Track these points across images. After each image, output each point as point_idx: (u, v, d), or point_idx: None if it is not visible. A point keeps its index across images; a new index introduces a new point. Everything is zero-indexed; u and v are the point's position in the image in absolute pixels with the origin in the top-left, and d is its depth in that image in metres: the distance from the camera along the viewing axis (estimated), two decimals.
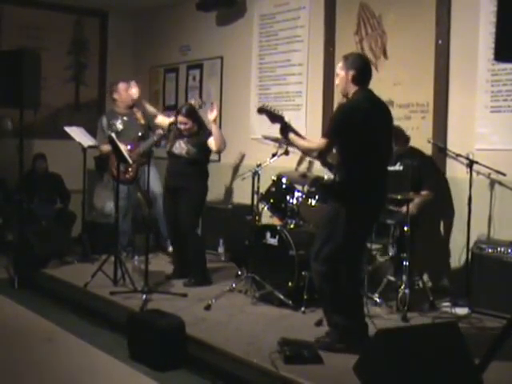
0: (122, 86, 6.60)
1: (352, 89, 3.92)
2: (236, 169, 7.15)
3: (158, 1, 8.22)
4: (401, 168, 5.19)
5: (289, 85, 6.80)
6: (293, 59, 6.74)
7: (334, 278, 3.86)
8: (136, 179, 6.21)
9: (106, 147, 6.13)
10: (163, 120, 6.07)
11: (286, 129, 4.09)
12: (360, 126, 3.79)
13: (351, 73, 3.90)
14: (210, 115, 5.44)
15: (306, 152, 4.18)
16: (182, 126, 5.50)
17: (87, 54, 8.74)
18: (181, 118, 5.51)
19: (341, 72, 3.97)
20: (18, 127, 6.20)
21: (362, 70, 3.93)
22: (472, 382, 2.97)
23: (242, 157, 7.06)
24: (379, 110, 3.98)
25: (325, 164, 4.21)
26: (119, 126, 6.52)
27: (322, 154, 3.95)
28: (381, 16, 5.89)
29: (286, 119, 4.14)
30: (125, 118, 6.54)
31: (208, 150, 5.59)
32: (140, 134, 6.06)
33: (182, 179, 5.52)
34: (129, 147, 5.94)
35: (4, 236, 7.32)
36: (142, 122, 6.44)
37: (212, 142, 5.48)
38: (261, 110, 4.22)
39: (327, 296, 3.94)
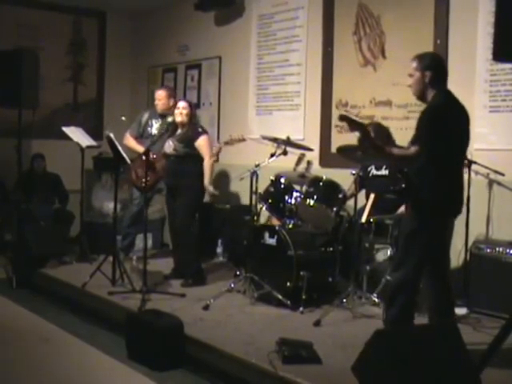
0: (156, 93, 6.51)
1: (430, 91, 3.74)
2: (234, 169, 7.15)
3: (156, 1, 8.22)
4: (386, 172, 5.20)
5: (287, 85, 6.80)
6: (291, 59, 6.74)
7: (412, 291, 3.74)
8: (153, 190, 6.07)
9: (132, 142, 6.10)
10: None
11: (366, 138, 3.79)
12: (448, 130, 3.63)
13: (428, 74, 3.72)
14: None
15: (397, 161, 3.88)
16: (179, 111, 5.51)
17: (85, 54, 8.74)
18: (183, 104, 5.56)
19: (415, 73, 3.77)
20: (16, 127, 6.20)
21: (439, 70, 3.77)
22: (471, 382, 2.97)
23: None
24: (462, 112, 3.78)
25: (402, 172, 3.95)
26: (154, 130, 6.40)
27: (413, 162, 3.70)
28: (379, 16, 5.89)
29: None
30: (162, 125, 6.32)
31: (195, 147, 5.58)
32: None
33: (176, 178, 5.51)
34: (154, 156, 5.85)
35: (2, 236, 7.31)
36: None
37: (200, 148, 5.51)
38: (343, 118, 3.89)
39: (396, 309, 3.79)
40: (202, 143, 5.50)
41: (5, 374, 3.94)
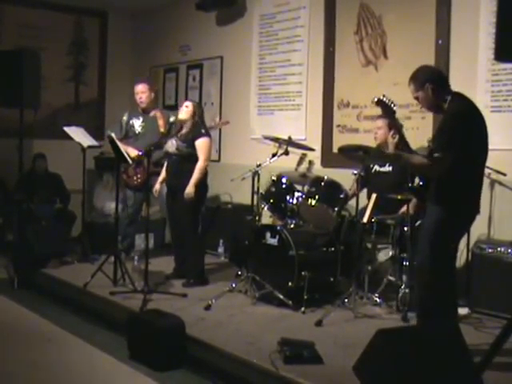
0: (134, 87, 6.56)
1: (441, 100, 3.70)
2: (236, 169, 7.15)
3: (157, 1, 8.23)
4: (390, 169, 5.19)
5: (289, 84, 6.80)
6: (293, 59, 6.74)
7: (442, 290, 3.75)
8: (146, 187, 6.12)
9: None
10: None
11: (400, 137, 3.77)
12: (471, 133, 3.62)
13: (429, 86, 3.70)
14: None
15: (425, 170, 3.79)
16: (182, 108, 5.55)
17: (87, 53, 8.74)
18: (187, 102, 5.61)
19: (418, 93, 3.74)
20: (17, 127, 6.21)
21: (435, 77, 3.74)
22: (472, 382, 2.97)
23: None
24: (480, 114, 3.74)
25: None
26: (138, 128, 6.45)
27: (437, 170, 3.64)
28: (381, 16, 5.89)
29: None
30: (146, 121, 6.45)
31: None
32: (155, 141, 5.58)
33: (178, 178, 5.50)
34: (140, 153, 5.88)
35: (4, 236, 7.31)
36: (162, 129, 6.38)
37: (198, 149, 5.48)
38: (378, 103, 3.81)
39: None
40: (201, 144, 5.47)
41: (6, 373, 3.94)
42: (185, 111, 5.52)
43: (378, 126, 5.18)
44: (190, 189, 5.39)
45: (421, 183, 3.91)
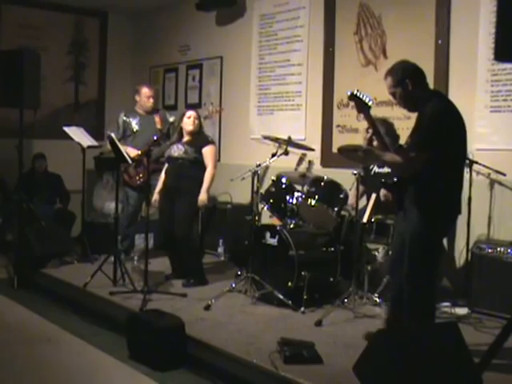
0: (144, 90, 6.58)
1: (419, 97, 3.64)
2: (236, 169, 7.15)
3: (157, 1, 8.23)
4: (389, 170, 5.19)
5: (288, 85, 6.80)
6: (292, 59, 6.74)
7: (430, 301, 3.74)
8: (146, 187, 6.10)
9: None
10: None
11: (374, 130, 3.70)
12: (451, 133, 3.57)
13: (408, 82, 3.63)
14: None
15: (396, 166, 3.74)
16: (191, 120, 5.55)
17: (87, 54, 8.74)
18: (194, 113, 5.61)
19: (396, 89, 3.68)
20: (17, 127, 6.20)
21: (415, 74, 3.68)
22: (472, 381, 2.97)
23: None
24: (459, 114, 3.68)
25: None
26: (135, 126, 6.49)
27: (412, 168, 3.60)
28: (380, 16, 5.90)
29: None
30: (143, 120, 6.50)
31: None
32: (155, 138, 5.49)
33: (182, 181, 5.51)
34: (139, 152, 5.88)
35: (4, 236, 7.31)
36: (159, 126, 6.40)
37: (206, 156, 5.54)
38: (351, 98, 3.71)
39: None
40: (208, 151, 5.55)
41: (7, 373, 3.94)
42: (196, 123, 5.57)
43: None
44: (203, 195, 5.49)
45: (395, 179, 3.88)
